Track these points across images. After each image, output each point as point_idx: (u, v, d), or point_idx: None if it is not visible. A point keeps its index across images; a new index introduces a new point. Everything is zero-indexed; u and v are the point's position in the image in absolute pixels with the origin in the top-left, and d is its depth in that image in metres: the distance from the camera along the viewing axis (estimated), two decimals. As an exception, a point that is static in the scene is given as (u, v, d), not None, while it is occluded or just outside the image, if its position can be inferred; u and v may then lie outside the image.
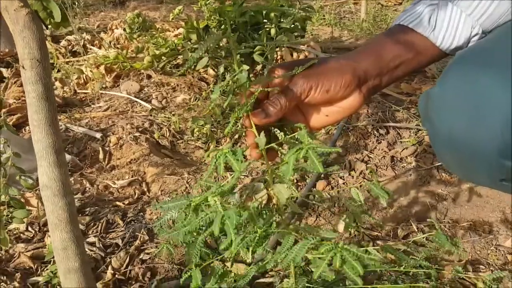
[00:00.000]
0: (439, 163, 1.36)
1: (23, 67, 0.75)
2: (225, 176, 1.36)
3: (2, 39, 2.44)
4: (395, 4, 3.69)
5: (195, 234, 0.69)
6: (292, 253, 0.55)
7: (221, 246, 0.54)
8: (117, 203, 1.29)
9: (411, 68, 0.71)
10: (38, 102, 0.74)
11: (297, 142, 0.58)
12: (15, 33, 0.76)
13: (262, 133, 0.58)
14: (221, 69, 1.81)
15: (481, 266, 1.01)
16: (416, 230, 1.12)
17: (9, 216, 1.10)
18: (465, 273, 0.94)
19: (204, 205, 0.56)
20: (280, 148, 0.61)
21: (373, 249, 0.62)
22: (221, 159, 0.55)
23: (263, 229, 0.59)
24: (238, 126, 1.63)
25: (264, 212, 0.64)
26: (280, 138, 0.60)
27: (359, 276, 0.51)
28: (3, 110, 1.64)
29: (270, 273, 0.99)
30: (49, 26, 0.88)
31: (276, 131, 0.61)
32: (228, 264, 0.88)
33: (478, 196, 1.24)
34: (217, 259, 0.99)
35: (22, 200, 1.13)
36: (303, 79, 0.63)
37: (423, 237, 1.09)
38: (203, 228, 0.58)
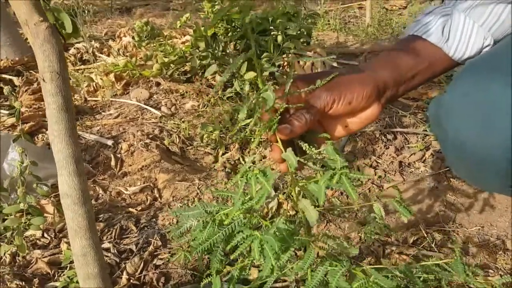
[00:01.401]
0: (447, 168, 1.37)
1: (43, 79, 0.77)
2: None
3: (13, 48, 2.48)
4: (399, 8, 3.70)
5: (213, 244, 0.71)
6: (318, 274, 0.56)
7: (263, 273, 0.55)
8: (130, 209, 1.31)
9: (426, 77, 0.73)
10: (58, 113, 0.76)
11: (324, 157, 0.59)
12: (35, 47, 0.78)
13: (290, 150, 0.58)
14: (246, 88, 1.84)
15: (490, 271, 1.02)
16: (425, 235, 1.13)
17: (26, 223, 1.13)
18: (474, 278, 0.95)
19: (225, 216, 0.58)
20: (305, 160, 0.61)
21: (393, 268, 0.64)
22: (252, 180, 0.55)
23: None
24: (246, 132, 1.65)
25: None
26: (305, 150, 0.60)
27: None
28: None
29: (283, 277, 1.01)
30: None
31: (301, 143, 0.61)
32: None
33: (486, 201, 1.25)
34: (230, 265, 1.00)
35: (38, 207, 1.15)
36: (326, 92, 0.63)
37: (433, 243, 1.10)
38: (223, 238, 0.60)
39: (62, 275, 1.06)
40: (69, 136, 0.77)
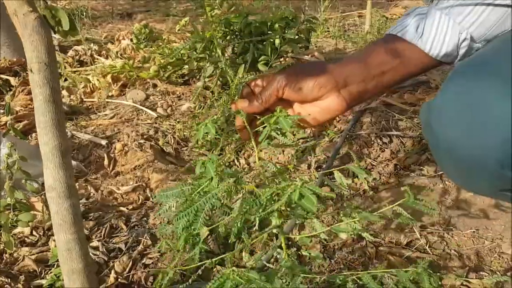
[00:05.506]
0: (442, 172, 1.36)
1: (31, 70, 0.76)
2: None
3: (11, 48, 2.48)
4: (399, 17, 3.71)
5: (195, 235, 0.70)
6: None
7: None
8: (121, 208, 1.30)
9: (401, 74, 0.73)
10: (45, 104, 0.75)
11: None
12: (24, 37, 0.78)
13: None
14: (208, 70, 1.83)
15: (484, 273, 1.00)
16: (419, 237, 1.12)
17: (14, 220, 1.11)
18: (466, 278, 0.93)
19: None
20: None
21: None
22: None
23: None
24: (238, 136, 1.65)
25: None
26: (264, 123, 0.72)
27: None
28: (11, 117, 1.66)
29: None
30: (57, 35, 0.90)
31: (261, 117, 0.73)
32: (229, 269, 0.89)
33: (481, 204, 1.23)
34: (218, 264, 0.99)
35: (27, 202, 1.14)
36: (281, 77, 0.72)
37: (426, 244, 1.09)
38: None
39: (49, 272, 1.05)
40: (55, 127, 0.76)
